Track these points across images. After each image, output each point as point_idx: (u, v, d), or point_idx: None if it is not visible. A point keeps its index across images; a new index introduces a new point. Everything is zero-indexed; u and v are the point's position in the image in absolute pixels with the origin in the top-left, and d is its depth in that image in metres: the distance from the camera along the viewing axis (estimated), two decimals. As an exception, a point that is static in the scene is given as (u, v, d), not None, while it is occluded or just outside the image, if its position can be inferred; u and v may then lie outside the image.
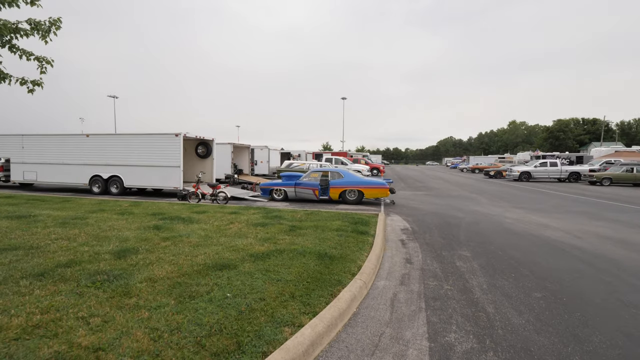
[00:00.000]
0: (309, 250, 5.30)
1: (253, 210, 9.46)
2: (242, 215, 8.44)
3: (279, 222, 7.66)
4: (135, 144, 13.91)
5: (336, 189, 12.17)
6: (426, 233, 7.66)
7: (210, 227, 6.96)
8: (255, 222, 7.51)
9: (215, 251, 5.17)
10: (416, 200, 13.57)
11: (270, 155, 25.90)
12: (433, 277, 4.79)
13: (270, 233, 6.53)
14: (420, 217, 9.77)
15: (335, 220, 8.03)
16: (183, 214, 8.53)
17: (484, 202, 13.19)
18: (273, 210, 9.35)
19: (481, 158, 57.61)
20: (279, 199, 12.91)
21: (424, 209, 11.24)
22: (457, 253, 6.04)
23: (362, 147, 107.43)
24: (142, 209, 9.16)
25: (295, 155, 34.79)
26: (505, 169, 30.29)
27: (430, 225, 8.60)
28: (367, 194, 12.01)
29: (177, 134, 13.26)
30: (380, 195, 12.01)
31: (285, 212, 9.04)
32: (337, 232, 6.75)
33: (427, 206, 12.00)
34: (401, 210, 11.04)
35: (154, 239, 5.90)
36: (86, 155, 14.58)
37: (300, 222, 7.75)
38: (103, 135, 14.40)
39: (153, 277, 4.01)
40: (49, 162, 15.16)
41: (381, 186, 11.94)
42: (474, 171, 42.19)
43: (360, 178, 12.50)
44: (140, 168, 13.79)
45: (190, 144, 15.95)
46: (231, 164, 20.57)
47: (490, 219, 9.48)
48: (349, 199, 12.15)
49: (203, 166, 15.97)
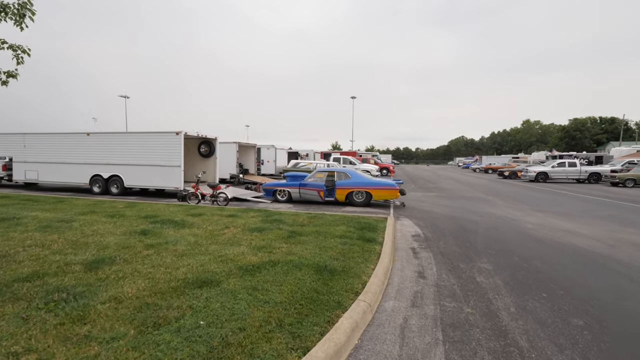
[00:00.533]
0: (307, 262, 4.65)
1: (253, 212, 8.86)
2: (239, 219, 7.84)
3: (278, 227, 7.03)
4: (135, 143, 13.47)
5: (343, 190, 11.50)
6: (440, 240, 6.94)
7: (202, 233, 6.38)
8: (252, 227, 6.90)
9: (200, 262, 4.57)
10: (428, 203, 12.81)
11: (277, 155, 25.36)
12: (450, 296, 4.09)
13: (266, 240, 5.91)
14: (432, 221, 9.04)
15: (339, 225, 7.37)
16: (177, 216, 7.99)
17: (500, 205, 12.35)
18: (274, 213, 8.74)
19: (494, 158, 56.10)
20: (283, 200, 12.30)
21: (437, 212, 10.49)
22: (477, 265, 5.33)
23: (371, 146, 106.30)
24: (135, 211, 8.65)
25: (303, 155, 34.21)
26: (520, 169, 29.15)
27: (444, 230, 7.87)
28: (375, 196, 11.32)
29: (178, 132, 12.77)
30: (390, 197, 11.30)
31: (286, 216, 8.42)
32: (340, 239, 6.10)
33: (440, 209, 11.24)
34: (412, 213, 10.31)
35: (137, 246, 5.34)
36: (87, 154, 14.21)
37: (302, 227, 7.12)
38: (103, 134, 14.01)
39: (120, 295, 3.42)
40: (50, 161, 14.86)
41: (390, 187, 11.23)
42: (487, 171, 40.96)
43: (368, 179, 11.81)
44: (141, 167, 13.35)
45: (192, 143, 15.48)
46: (236, 163, 20.08)
47: (510, 224, 8.69)
48: (356, 201, 11.48)
49: (206, 166, 15.48)
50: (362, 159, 32.57)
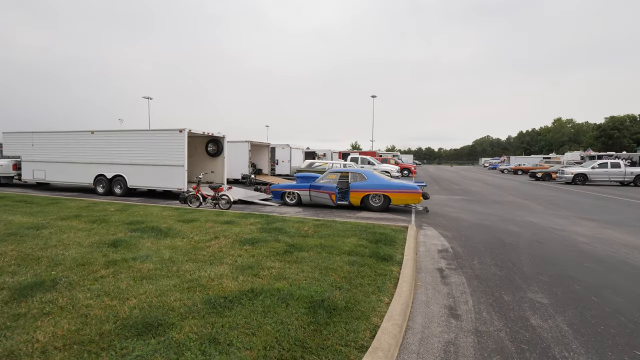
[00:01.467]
0: (300, 292, 3.52)
1: (253, 218, 7.81)
2: (235, 226, 6.81)
3: (276, 237, 5.93)
4: (138, 141, 12.77)
5: (357, 193, 10.29)
6: (474, 257, 5.63)
7: (183, 245, 5.36)
8: (246, 238, 5.84)
9: (160, 290, 3.52)
10: (454, 208, 11.39)
11: (292, 155, 24.37)
12: (498, 352, 2.85)
13: (257, 256, 4.82)
14: (462, 231, 7.69)
15: (350, 236, 6.19)
16: (166, 222, 7.04)
17: (539, 211, 10.79)
18: (276, 220, 7.66)
19: (523, 158, 53.10)
20: (292, 203, 11.22)
21: (466, 220, 9.10)
22: (527, 297, 4.03)
23: (392, 146, 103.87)
24: (124, 216, 7.79)
25: (320, 155, 33.12)
26: (554, 170, 26.90)
27: (477, 244, 6.53)
28: (394, 200, 10.04)
29: (181, 129, 11.94)
30: (411, 202, 9.99)
31: (290, 223, 7.32)
32: (349, 256, 4.93)
33: (469, 215, 9.83)
34: (437, 220, 8.98)
35: (97, 263, 4.37)
36: (91, 153, 13.66)
37: (304, 238, 5.98)
38: (107, 132, 13.39)
39: (18, 350, 2.41)
40: (56, 160, 14.43)
41: (412, 190, 9.92)
42: (517, 172, 38.49)
43: (386, 180, 10.54)
44: (144, 167, 12.62)
45: (200, 141, 14.69)
46: (248, 163, 19.22)
47: (557, 236, 7.23)
48: (372, 205, 10.24)
49: (214, 165, 14.66)
50: (382, 159, 31.12)
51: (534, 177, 28.49)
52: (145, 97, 52.63)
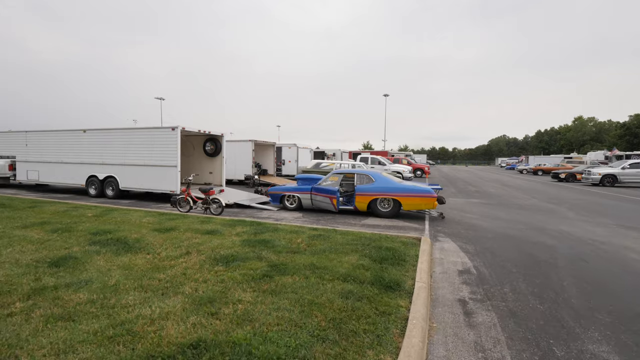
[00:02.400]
0: (264, 349, 2.46)
1: (242, 227, 6.81)
2: (216, 238, 5.81)
3: (259, 254, 4.90)
4: (130, 140, 11.96)
5: (364, 197, 9.18)
6: (504, 282, 4.48)
7: (143, 264, 4.39)
8: (223, 254, 4.83)
9: (70, 342, 2.52)
10: (474, 213, 10.16)
11: (299, 154, 23.36)
12: None
13: (227, 282, 3.80)
14: (485, 243, 6.52)
15: (350, 252, 5.11)
16: (139, 232, 6.10)
17: (571, 218, 9.47)
18: (267, 229, 6.63)
19: (543, 158, 50.82)
20: (292, 207, 10.19)
21: (489, 229, 7.90)
22: (587, 350, 2.88)
23: (405, 146, 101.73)
24: (96, 223, 6.90)
25: (329, 155, 32.07)
26: (579, 171, 25.15)
27: (505, 262, 5.36)
28: (405, 205, 8.90)
29: (174, 127, 11.07)
30: (424, 207, 8.83)
31: (282, 233, 6.28)
32: (344, 282, 3.86)
33: (492, 223, 8.61)
34: (455, 229, 7.81)
35: (19, 290, 3.41)
36: (83, 153, 12.94)
37: (294, 254, 4.94)
38: (99, 131, 12.63)
39: None
40: (49, 160, 13.79)
41: (425, 194, 8.76)
42: (537, 173, 36.57)
43: (396, 183, 9.38)
44: (136, 168, 11.81)
45: (198, 140, 13.82)
46: (252, 163, 18.31)
47: (601, 252, 5.99)
48: (380, 211, 9.11)
49: (212, 166, 13.76)
50: (394, 159, 29.83)
51: (557, 178, 26.73)
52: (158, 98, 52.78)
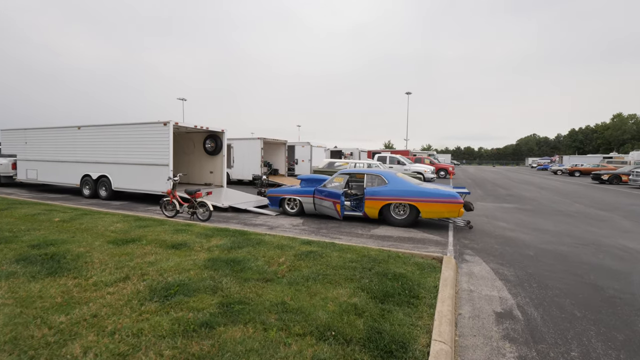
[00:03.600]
0: None
1: (220, 238, 5.58)
2: (176, 256, 4.60)
3: (218, 282, 3.63)
4: (122, 137, 11.06)
5: (374, 202, 7.77)
6: (568, 340, 2.98)
7: (55, 294, 3.21)
8: (167, 283, 3.59)
9: None
10: (508, 222, 8.53)
11: (312, 153, 22.04)
12: None
13: (141, 337, 2.54)
14: (528, 265, 4.98)
15: (343, 281, 3.76)
16: (89, 246, 4.99)
17: (630, 229, 7.68)
18: (249, 242, 5.36)
19: (579, 158, 47.19)
20: (293, 212, 8.90)
21: (529, 243, 6.31)
22: None
23: (428, 145, 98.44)
24: (49, 232, 5.86)
25: (346, 154, 30.62)
26: (625, 172, 22.53)
27: (562, 299, 3.83)
28: (425, 212, 7.41)
29: (166, 122, 10.04)
30: (448, 215, 7.31)
31: (264, 249, 4.99)
32: (320, 342, 2.51)
33: (532, 235, 6.99)
34: (486, 244, 6.27)
35: None
36: (78, 151, 12.21)
37: (265, 284, 3.64)
38: (93, 127, 11.82)
39: None
40: (46, 159, 13.19)
41: (449, 199, 7.24)
42: (574, 174, 33.62)
43: (414, 185, 7.88)
44: (128, 167, 10.90)
45: (198, 138, 12.81)
46: (260, 162, 17.19)
47: (698, 283, 4.34)
48: (394, 219, 7.67)
49: (213, 165, 12.72)
50: (415, 158, 27.97)
51: (598, 179, 24.12)
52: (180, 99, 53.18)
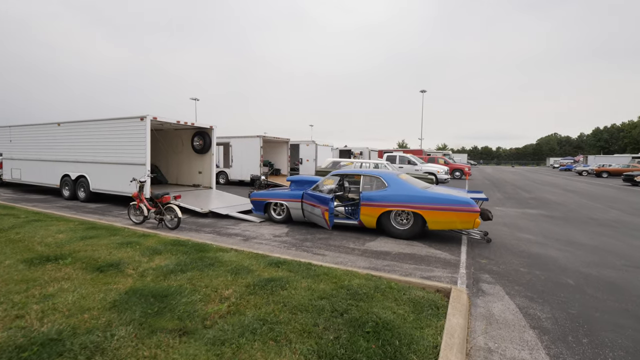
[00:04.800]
0: None
1: (162, 258, 4.43)
2: (89, 285, 3.47)
3: (109, 338, 2.48)
4: (99, 134, 10.11)
5: (371, 208, 6.49)
6: None
7: None
8: (26, 341, 2.46)
9: None
10: (534, 232, 7.11)
11: (318, 152, 20.79)
12: None
13: None
14: (570, 302, 3.63)
15: (294, 341, 2.54)
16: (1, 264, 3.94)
17: (695, 245, 6.16)
18: (204, 259, 4.18)
19: (606, 158, 44.38)
20: (279, 219, 7.72)
21: (564, 264, 4.93)
22: None
23: (443, 145, 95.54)
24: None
25: (356, 153, 29.27)
26: (662, 173, 20.44)
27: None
28: (431, 222, 6.09)
29: (143, 117, 9.01)
30: (461, 226, 5.95)
31: (212, 274, 3.81)
32: None
33: (567, 253, 5.58)
34: (509, 264, 4.92)
35: None
36: (58, 149, 11.36)
37: (176, 341, 2.46)
38: (72, 124, 10.92)
39: None
40: (29, 158, 12.43)
41: (462, 206, 5.88)
42: (601, 175, 31.30)
43: (419, 189, 6.50)
44: (106, 166, 9.94)
45: (187, 135, 11.79)
46: (260, 162, 16.08)
47: None
48: (395, 229, 6.37)
49: (201, 164, 11.67)
50: (429, 158, 26.36)
51: (631, 181, 22.03)
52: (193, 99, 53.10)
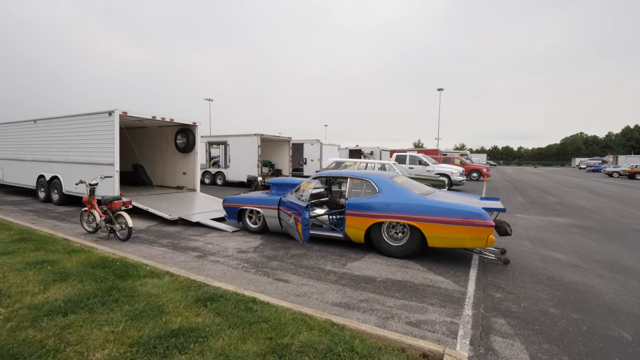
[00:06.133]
0: None
1: (74, 283, 3.34)
2: None
3: None
4: (69, 132, 9.26)
5: (358, 219, 5.22)
6: None
7: None
8: None
9: None
10: (565, 250, 5.68)
11: (323, 152, 19.62)
12: None
13: None
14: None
15: None
16: None
17: None
18: (116, 289, 3.08)
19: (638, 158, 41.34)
20: (254, 229, 6.56)
21: (613, 304, 3.55)
22: None
23: (461, 145, 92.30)
24: None
25: (366, 153, 27.89)
26: None
27: None
28: (432, 237, 4.76)
29: (111, 112, 8.05)
30: (471, 244, 4.60)
31: (125, 310, 2.67)
32: None
33: (613, 282, 4.18)
34: (533, 301, 3.59)
35: None
36: (34, 148, 10.60)
37: None
38: (47, 121, 10.10)
39: None
40: (9, 157, 11.76)
41: (471, 218, 4.53)
42: (634, 176, 28.82)
43: (416, 196, 5.11)
44: (77, 166, 9.05)
45: (171, 132, 10.81)
46: (257, 162, 15.00)
47: None
48: (387, 245, 5.09)
49: (186, 164, 10.67)
50: (444, 158, 24.72)
51: (671, 184, 19.85)
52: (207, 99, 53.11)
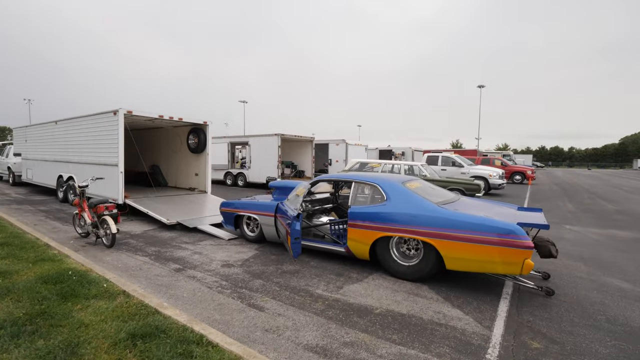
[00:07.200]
0: None
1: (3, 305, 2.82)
2: None
3: None
4: (80, 132, 9.26)
5: (362, 231, 4.33)
6: None
7: None
8: None
9: None
10: (631, 275, 4.44)
11: (349, 152, 18.67)
12: None
13: None
14: None
15: None
16: None
17: None
18: (43, 315, 2.49)
19: None
20: (251, 237, 5.87)
21: None
22: None
23: (504, 145, 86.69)
24: None
25: (397, 154, 26.59)
26: None
27: None
28: (449, 258, 3.76)
29: (115, 111, 7.78)
30: (501, 269, 3.56)
31: (32, 349, 2.08)
32: None
33: None
34: (590, 357, 2.55)
35: None
36: (55, 148, 10.76)
37: None
38: (66, 121, 10.13)
39: None
40: (36, 157, 12.11)
41: (501, 236, 3.50)
42: None
43: (432, 207, 4.07)
44: (88, 167, 8.94)
45: (184, 132, 10.49)
46: (277, 162, 14.44)
47: None
48: (396, 264, 4.16)
49: (197, 165, 10.29)
50: (482, 159, 22.77)
51: None
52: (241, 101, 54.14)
